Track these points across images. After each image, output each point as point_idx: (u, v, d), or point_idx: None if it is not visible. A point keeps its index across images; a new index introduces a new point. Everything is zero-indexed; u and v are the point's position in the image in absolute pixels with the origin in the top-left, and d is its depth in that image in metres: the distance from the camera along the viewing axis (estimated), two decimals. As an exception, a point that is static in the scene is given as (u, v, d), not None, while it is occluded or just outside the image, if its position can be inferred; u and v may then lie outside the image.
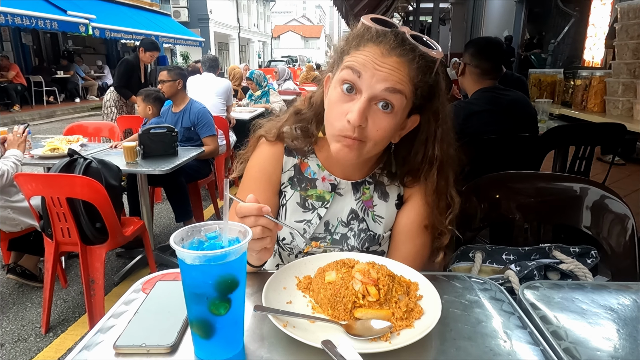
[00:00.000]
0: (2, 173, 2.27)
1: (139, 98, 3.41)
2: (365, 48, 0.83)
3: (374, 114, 0.82)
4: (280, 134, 1.02)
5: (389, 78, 0.80)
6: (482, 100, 2.09)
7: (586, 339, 0.69)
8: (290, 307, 0.75)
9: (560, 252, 1.13)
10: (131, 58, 4.78)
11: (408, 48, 0.82)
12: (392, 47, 0.81)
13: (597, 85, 3.65)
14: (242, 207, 0.72)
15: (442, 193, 0.96)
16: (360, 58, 0.82)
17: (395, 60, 0.81)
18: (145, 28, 14.78)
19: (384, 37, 0.83)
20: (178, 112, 3.42)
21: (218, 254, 0.58)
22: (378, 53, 0.81)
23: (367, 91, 0.81)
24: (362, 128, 0.82)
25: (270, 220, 0.74)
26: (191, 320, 0.63)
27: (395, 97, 0.81)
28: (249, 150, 1.06)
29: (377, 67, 0.80)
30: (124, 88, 4.57)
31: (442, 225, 0.96)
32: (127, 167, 2.62)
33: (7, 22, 9.26)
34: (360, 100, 0.81)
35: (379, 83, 0.80)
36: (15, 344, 2.21)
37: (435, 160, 0.93)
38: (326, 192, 1.01)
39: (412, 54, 0.82)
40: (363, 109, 0.80)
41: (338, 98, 0.85)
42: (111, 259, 3.12)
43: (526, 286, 0.85)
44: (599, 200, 1.22)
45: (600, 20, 6.39)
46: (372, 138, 0.84)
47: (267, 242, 0.75)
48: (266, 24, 42.15)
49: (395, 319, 0.70)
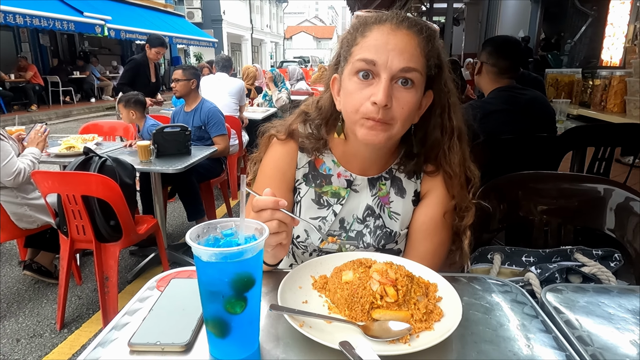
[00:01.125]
0: (20, 170, 2.30)
1: (120, 105, 3.39)
2: (372, 31, 0.85)
3: (396, 92, 0.83)
4: (291, 132, 1.01)
5: (403, 54, 0.82)
6: (499, 100, 2.05)
7: (614, 344, 0.66)
8: (306, 306, 0.73)
9: (582, 254, 1.09)
10: (138, 57, 4.70)
11: (412, 21, 0.86)
12: (399, 21, 0.85)
13: (617, 85, 3.57)
14: (259, 200, 0.72)
15: (463, 166, 0.95)
16: (370, 42, 0.84)
17: (404, 33, 0.83)
18: (159, 29, 14.94)
19: (387, 16, 0.86)
20: (190, 112, 3.43)
21: (234, 252, 0.57)
22: (386, 30, 0.84)
23: (386, 72, 0.81)
24: (387, 109, 0.82)
25: (287, 215, 0.73)
26: (206, 318, 0.62)
27: (412, 75, 0.83)
28: (261, 151, 1.06)
29: (390, 45, 0.82)
30: (127, 86, 4.49)
31: (465, 200, 0.95)
32: (141, 166, 2.64)
33: (26, 23, 9.44)
34: (382, 81, 0.81)
35: (395, 61, 0.81)
36: (30, 339, 2.24)
37: (455, 130, 0.94)
38: (342, 189, 1.00)
39: (418, 25, 0.86)
40: (387, 87, 0.81)
41: (356, 87, 0.85)
42: (125, 256, 3.15)
43: (549, 289, 0.82)
44: (623, 202, 1.18)
45: (619, 19, 6.25)
46: (398, 117, 0.84)
47: (282, 237, 0.74)
48: (279, 24, 42.32)
49: (414, 320, 0.68)
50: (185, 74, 3.37)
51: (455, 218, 0.96)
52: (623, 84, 3.52)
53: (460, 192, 0.95)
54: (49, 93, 11.98)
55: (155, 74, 4.84)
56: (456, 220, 0.96)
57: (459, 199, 0.95)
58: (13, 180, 2.29)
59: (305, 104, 1.06)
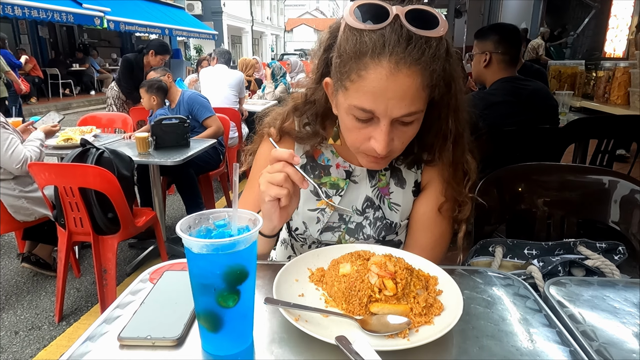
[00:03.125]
0: (27, 158, 2.31)
1: (142, 90, 3.38)
2: (369, 72, 0.72)
3: (397, 131, 0.78)
4: (283, 131, 0.97)
5: (404, 100, 0.72)
6: (503, 91, 2.02)
7: (620, 339, 0.64)
8: (303, 300, 0.71)
9: (585, 247, 1.07)
10: (131, 57, 4.51)
11: (414, 46, 0.70)
12: (399, 58, 0.70)
13: (621, 76, 3.52)
14: (276, 151, 0.74)
15: (459, 162, 0.91)
16: (367, 89, 0.72)
17: (406, 74, 0.71)
18: (159, 21, 14.86)
19: (383, 49, 0.70)
20: (175, 108, 3.43)
21: (226, 243, 0.55)
22: (385, 74, 0.71)
23: (385, 118, 0.75)
24: (390, 149, 0.79)
25: (297, 172, 0.73)
26: (198, 312, 0.60)
27: (414, 117, 0.76)
28: (256, 143, 1.03)
29: (390, 93, 0.71)
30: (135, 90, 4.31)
31: (461, 195, 0.92)
32: (140, 158, 2.62)
33: (24, 15, 9.38)
34: (382, 128, 0.75)
35: (395, 109, 0.73)
36: (29, 331, 2.23)
37: (449, 135, 0.88)
38: (340, 180, 0.98)
39: (420, 52, 0.70)
40: (386, 135, 0.75)
41: (354, 126, 0.80)
42: (124, 249, 3.14)
43: (552, 282, 0.80)
44: (628, 194, 1.15)
45: (622, 11, 6.18)
46: (399, 149, 0.83)
47: (283, 193, 0.74)
48: (279, 17, 42.04)
49: (414, 314, 0.66)
50: (158, 71, 3.55)
51: (454, 210, 0.94)
52: (627, 76, 3.48)
53: (456, 188, 0.92)
54: (49, 85, 11.93)
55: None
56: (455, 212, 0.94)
57: (455, 193, 0.93)
58: (21, 168, 2.29)
59: (292, 99, 1.00)
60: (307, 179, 0.75)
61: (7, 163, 2.27)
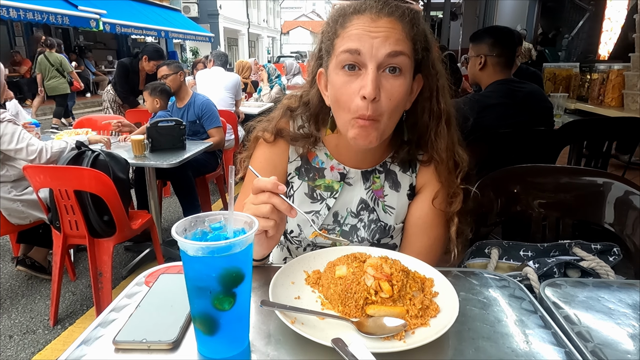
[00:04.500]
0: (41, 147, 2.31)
1: (145, 92, 3.39)
2: (352, 21, 0.81)
3: (384, 81, 0.80)
4: (278, 131, 0.98)
5: (388, 39, 0.78)
6: (498, 93, 2.03)
7: (615, 340, 0.65)
8: (299, 302, 0.71)
9: (580, 248, 1.07)
10: (127, 61, 4.51)
11: (393, 5, 0.81)
12: (379, 9, 0.81)
13: (615, 78, 3.54)
14: (259, 181, 0.71)
15: (451, 150, 0.92)
16: (352, 33, 0.80)
17: (387, 20, 0.80)
18: (155, 23, 14.84)
19: (365, 4, 0.82)
20: (183, 107, 3.40)
21: (222, 245, 0.55)
22: (367, 20, 0.80)
23: (372, 61, 0.78)
24: (377, 102, 0.79)
25: (284, 201, 0.71)
26: (194, 315, 0.60)
27: (400, 60, 0.79)
28: (250, 149, 1.03)
29: (373, 34, 0.78)
30: (131, 95, 4.41)
31: (453, 185, 0.92)
32: (135, 160, 2.61)
33: (20, 17, 9.34)
34: (369, 72, 0.78)
35: (381, 48, 0.78)
36: (23, 335, 2.21)
37: (443, 114, 0.91)
38: (335, 182, 0.98)
39: (400, 9, 0.81)
40: (374, 78, 0.78)
41: (343, 80, 0.81)
42: (119, 252, 3.12)
43: (547, 284, 0.80)
44: (622, 195, 1.16)
45: (616, 14, 6.23)
46: (387, 110, 0.81)
47: (270, 225, 0.71)
48: (275, 19, 42.09)
49: (410, 316, 0.66)
50: (171, 68, 3.36)
51: (446, 205, 0.93)
52: (621, 78, 3.50)
53: (448, 178, 0.93)
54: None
55: (145, 83, 4.59)
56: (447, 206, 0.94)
57: (447, 184, 0.93)
58: (38, 158, 2.30)
59: (287, 99, 1.02)
60: (294, 207, 0.72)
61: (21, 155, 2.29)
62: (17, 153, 2.27)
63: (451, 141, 0.92)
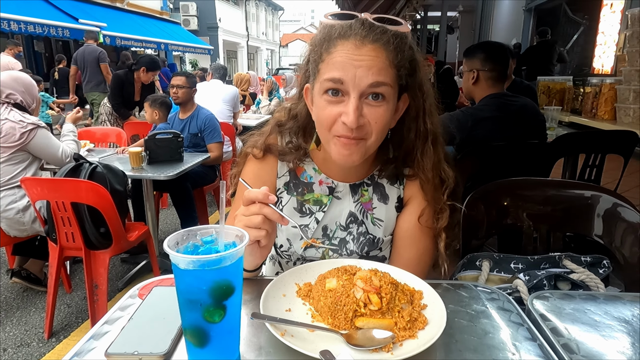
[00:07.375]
0: (63, 151, 2.49)
1: (146, 104, 3.42)
2: (337, 47, 0.81)
3: (367, 108, 0.81)
4: (267, 147, 0.99)
5: (371, 69, 0.79)
6: (491, 107, 2.06)
7: (600, 352, 0.66)
8: (289, 315, 0.72)
9: (570, 261, 1.09)
10: (122, 74, 4.53)
11: (378, 32, 0.81)
12: (363, 35, 0.80)
13: (608, 92, 3.59)
14: (250, 193, 0.72)
15: (437, 169, 0.93)
16: (336, 60, 0.80)
17: (370, 48, 0.79)
18: (155, 36, 14.97)
19: (350, 30, 0.81)
20: (185, 119, 3.43)
21: (213, 259, 0.56)
22: (351, 47, 0.80)
23: (355, 90, 0.79)
24: (361, 126, 0.81)
25: (275, 211, 0.72)
26: (185, 327, 0.61)
27: (382, 89, 0.80)
28: (239, 165, 1.04)
29: (356, 62, 0.79)
30: (122, 107, 4.43)
31: (439, 202, 0.93)
32: (133, 173, 2.62)
33: (21, 29, 9.43)
34: (351, 100, 0.79)
35: (364, 78, 0.79)
36: (17, 348, 2.20)
37: (429, 134, 0.92)
38: (324, 196, 0.99)
39: (385, 36, 0.81)
40: (356, 107, 0.79)
41: (326, 104, 0.83)
42: (116, 264, 3.11)
43: (535, 296, 0.81)
44: (611, 208, 1.18)
45: (610, 28, 6.33)
46: (372, 131, 0.82)
47: (262, 235, 0.73)
48: (274, 32, 42.49)
49: (398, 328, 0.67)
50: (188, 81, 3.36)
51: (432, 222, 0.94)
52: (613, 92, 3.55)
53: (434, 195, 0.94)
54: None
55: (140, 94, 4.65)
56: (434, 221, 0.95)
57: (433, 202, 0.94)
58: (62, 161, 2.47)
59: (277, 114, 1.04)
60: (286, 217, 0.74)
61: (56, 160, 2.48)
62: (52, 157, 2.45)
63: (437, 159, 0.93)
